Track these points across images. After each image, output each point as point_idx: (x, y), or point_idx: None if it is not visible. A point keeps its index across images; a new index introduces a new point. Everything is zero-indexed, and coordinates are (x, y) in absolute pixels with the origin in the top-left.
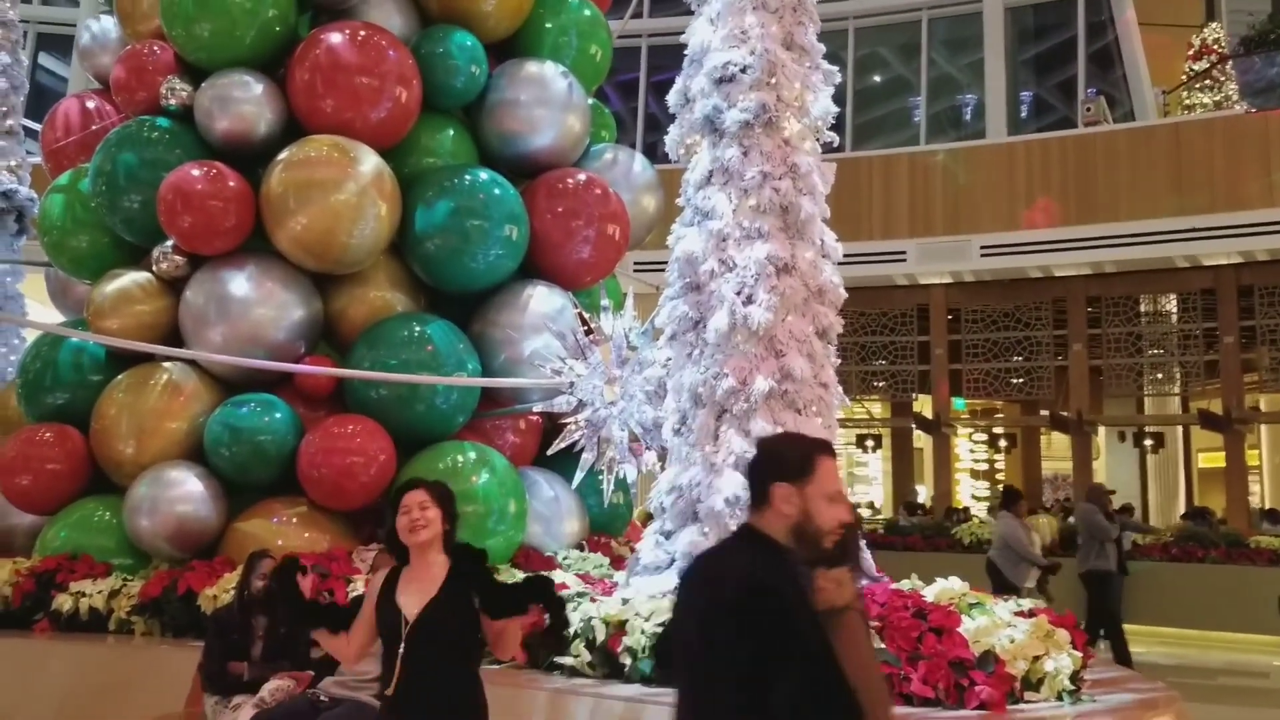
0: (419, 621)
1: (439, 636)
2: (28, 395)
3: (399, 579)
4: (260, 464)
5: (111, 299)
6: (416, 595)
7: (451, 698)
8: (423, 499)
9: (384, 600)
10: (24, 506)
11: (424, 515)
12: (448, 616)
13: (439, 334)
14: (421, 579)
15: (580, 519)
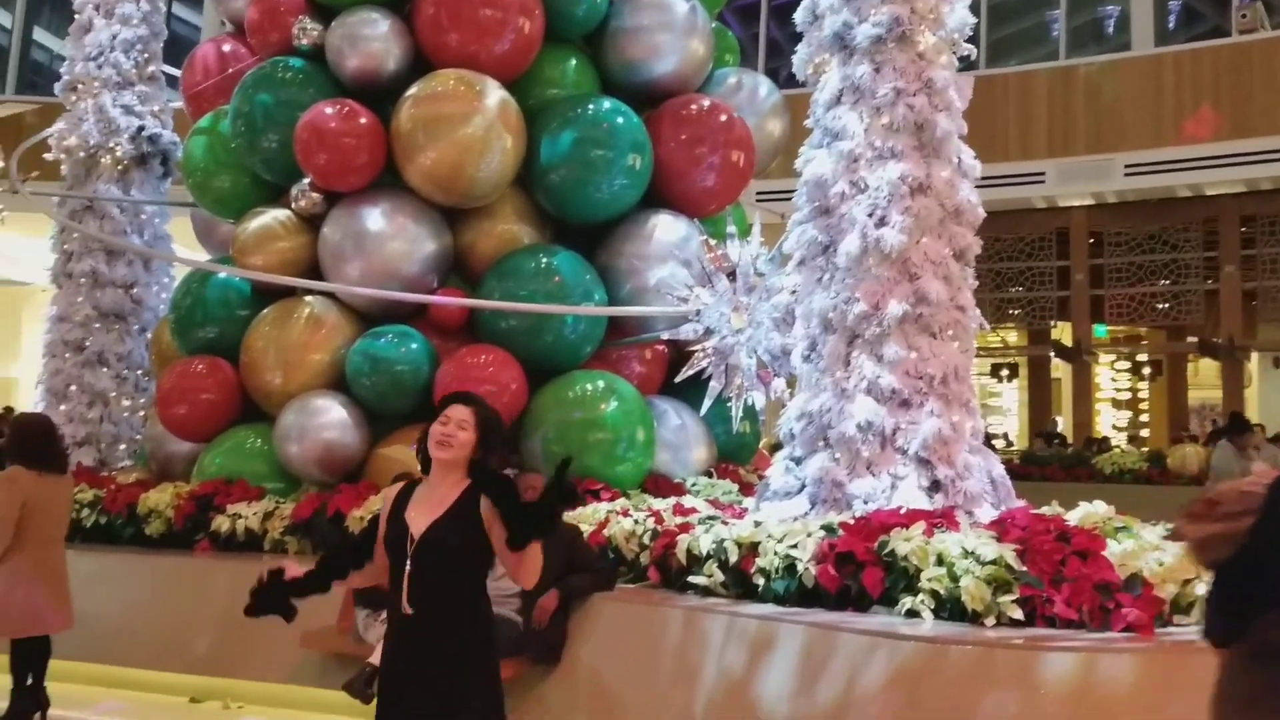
0: (423, 540)
1: (444, 556)
2: (180, 330)
3: (412, 494)
4: (398, 393)
5: (254, 236)
6: (425, 512)
7: (457, 618)
8: (465, 417)
9: (394, 516)
10: (181, 435)
11: (459, 434)
12: (452, 536)
13: (566, 265)
14: (433, 497)
15: (708, 447)
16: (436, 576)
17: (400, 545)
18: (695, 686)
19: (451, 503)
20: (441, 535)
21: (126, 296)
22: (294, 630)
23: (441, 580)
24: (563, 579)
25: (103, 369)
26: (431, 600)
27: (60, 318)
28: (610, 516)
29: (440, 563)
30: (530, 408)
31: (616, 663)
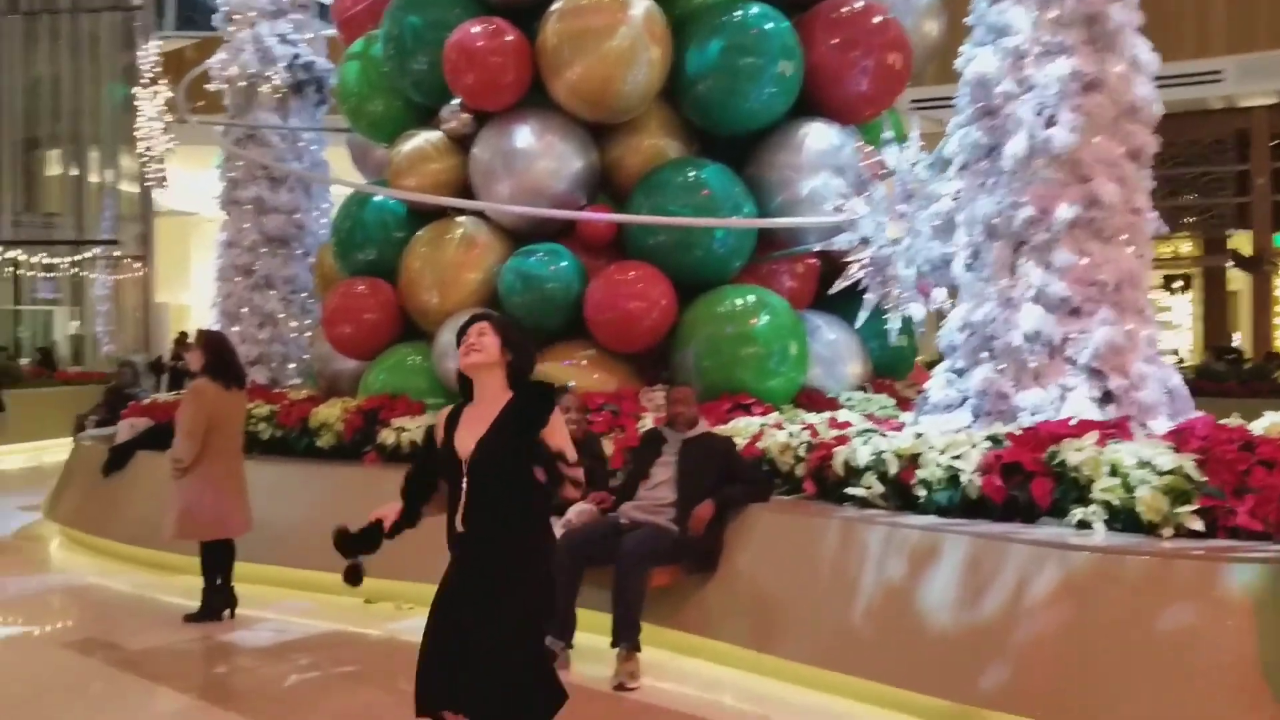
0: (473, 458)
1: (493, 471)
2: (341, 252)
3: (460, 415)
4: (549, 310)
5: (407, 159)
6: (472, 431)
7: (508, 531)
8: (481, 328)
9: (445, 438)
10: (346, 353)
11: (480, 340)
12: (496, 454)
13: (714, 178)
14: (478, 416)
15: (862, 361)
16: (488, 492)
17: (452, 467)
18: (853, 597)
19: (495, 417)
20: (489, 451)
21: (289, 222)
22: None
23: (494, 495)
24: (718, 489)
25: (270, 292)
26: (484, 515)
27: (229, 243)
28: (764, 430)
29: (490, 478)
30: (680, 323)
31: (773, 572)
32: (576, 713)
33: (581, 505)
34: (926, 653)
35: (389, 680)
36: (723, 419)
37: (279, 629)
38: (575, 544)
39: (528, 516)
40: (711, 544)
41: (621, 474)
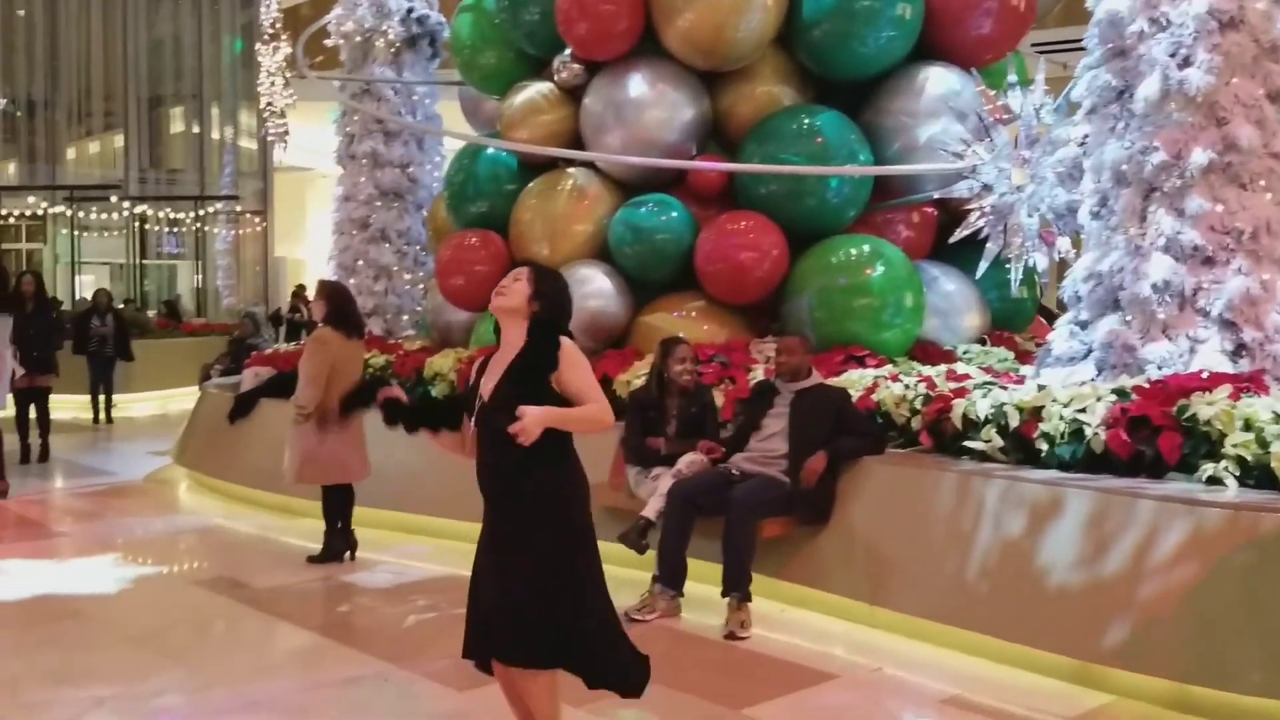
0: (483, 406)
1: (499, 422)
2: (453, 205)
3: (490, 360)
4: (660, 261)
5: (519, 111)
6: (492, 376)
7: (517, 482)
8: (519, 273)
9: (474, 382)
10: (458, 304)
11: (510, 286)
12: (501, 402)
13: (829, 125)
14: (499, 361)
15: (981, 313)
16: (497, 439)
17: (475, 409)
18: (970, 551)
19: (509, 363)
20: (497, 397)
21: (403, 175)
22: None
23: (501, 442)
24: (831, 441)
25: (385, 245)
26: (494, 462)
27: (345, 197)
28: (878, 382)
29: (499, 425)
30: (792, 274)
31: (887, 525)
32: (689, 659)
33: (692, 455)
34: (1046, 609)
35: None
36: (835, 371)
37: (397, 571)
38: (685, 493)
39: (554, 459)
40: (824, 496)
41: (732, 425)
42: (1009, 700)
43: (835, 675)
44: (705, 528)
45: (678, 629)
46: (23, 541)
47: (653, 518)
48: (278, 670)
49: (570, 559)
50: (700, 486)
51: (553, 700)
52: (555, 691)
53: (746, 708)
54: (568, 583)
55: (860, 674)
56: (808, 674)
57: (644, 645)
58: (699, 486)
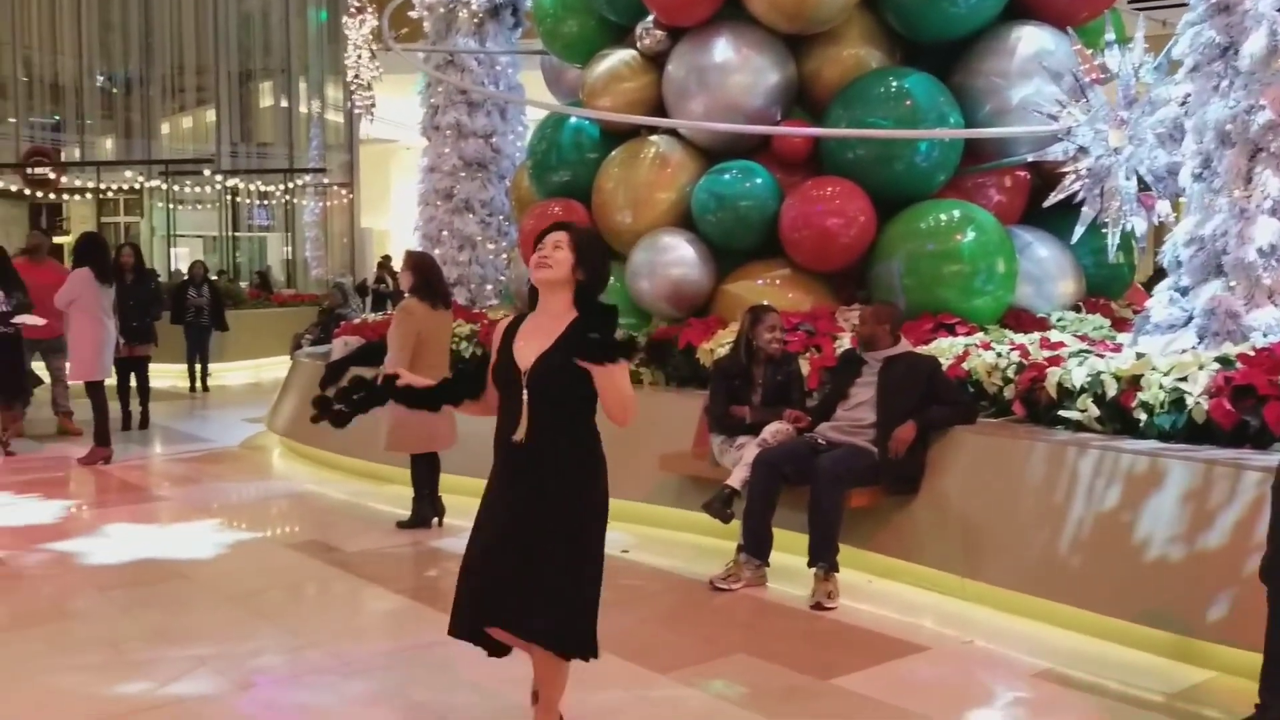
0: (534, 372)
1: (553, 388)
2: (536, 174)
3: (520, 326)
4: (743, 228)
5: (601, 79)
6: (535, 344)
7: (564, 448)
8: (559, 239)
9: (502, 349)
10: None
11: (554, 255)
12: (558, 372)
13: (918, 87)
14: (541, 329)
15: (1075, 279)
16: (547, 407)
17: (510, 378)
18: (1063, 523)
19: (559, 334)
20: (551, 367)
21: (487, 146)
22: (653, 453)
23: (552, 411)
24: (920, 410)
25: (469, 215)
26: (546, 431)
27: (430, 168)
28: (969, 350)
29: (550, 394)
30: (880, 240)
31: (977, 496)
32: (774, 629)
33: (778, 425)
34: (1144, 582)
35: None
36: (924, 339)
37: None
38: (771, 462)
39: (589, 433)
40: (913, 466)
41: (818, 394)
42: (1105, 675)
43: (925, 647)
44: (791, 498)
45: (763, 598)
46: (125, 505)
47: (737, 487)
48: (368, 632)
49: (599, 534)
50: (786, 455)
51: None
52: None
53: (834, 678)
54: (595, 558)
55: (950, 646)
56: (896, 645)
57: (728, 614)
58: (785, 455)
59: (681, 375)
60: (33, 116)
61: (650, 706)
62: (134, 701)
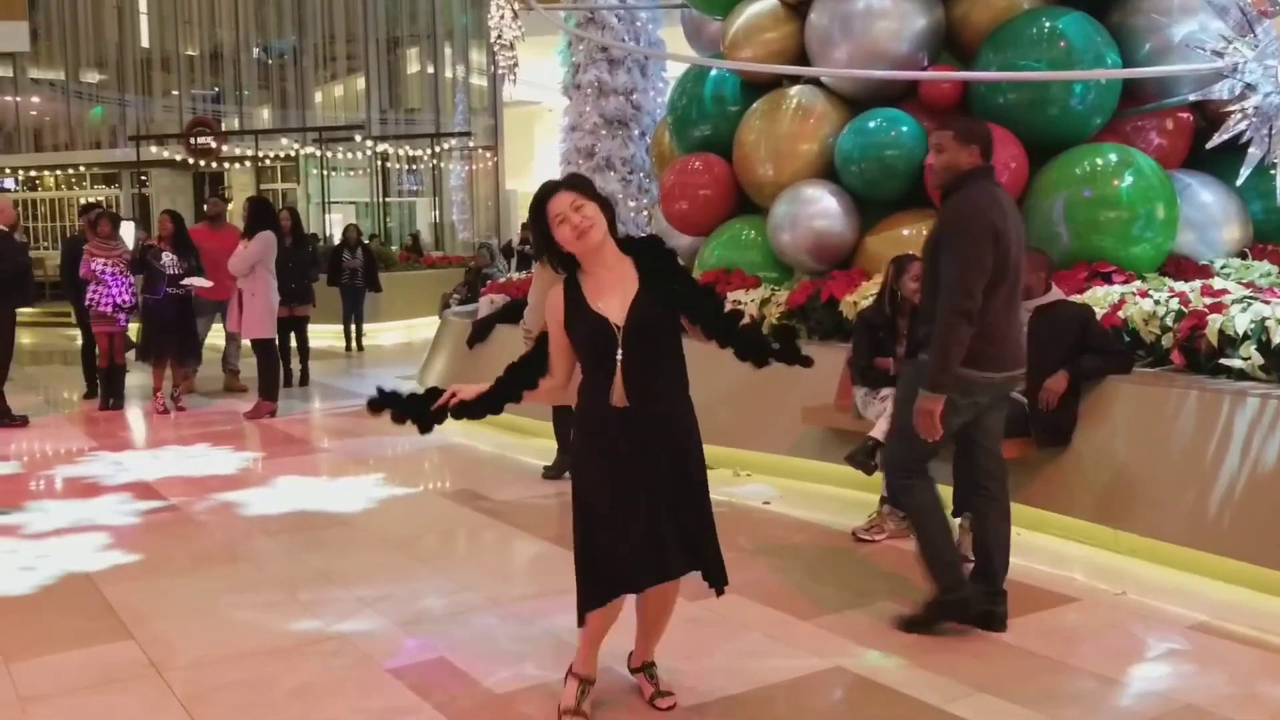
0: (631, 326)
1: (653, 336)
2: (677, 129)
3: (582, 290)
4: (889, 178)
5: (743, 30)
6: (618, 299)
7: (674, 398)
8: (573, 199)
9: (578, 314)
10: (683, 229)
11: (584, 215)
12: (658, 313)
13: (1073, 27)
14: (613, 282)
15: (1241, 225)
16: (649, 360)
17: (601, 340)
18: (1222, 474)
19: (639, 283)
20: (648, 315)
21: (627, 103)
22: (796, 406)
23: (654, 363)
24: (1072, 360)
25: (610, 173)
26: (652, 381)
27: (572, 127)
28: (1126, 298)
29: (651, 343)
30: (1033, 187)
31: (1134, 447)
32: (918, 579)
33: None
34: None
35: (731, 538)
36: (1079, 288)
37: None
38: None
39: (685, 382)
40: (1065, 417)
41: None
42: (1264, 628)
43: (1075, 599)
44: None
45: (906, 550)
46: (288, 457)
47: (881, 439)
48: (518, 576)
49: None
50: None
51: None
52: None
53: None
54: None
55: (1102, 598)
56: (1046, 596)
57: (871, 564)
58: None
59: (824, 328)
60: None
61: (793, 650)
62: (304, 636)
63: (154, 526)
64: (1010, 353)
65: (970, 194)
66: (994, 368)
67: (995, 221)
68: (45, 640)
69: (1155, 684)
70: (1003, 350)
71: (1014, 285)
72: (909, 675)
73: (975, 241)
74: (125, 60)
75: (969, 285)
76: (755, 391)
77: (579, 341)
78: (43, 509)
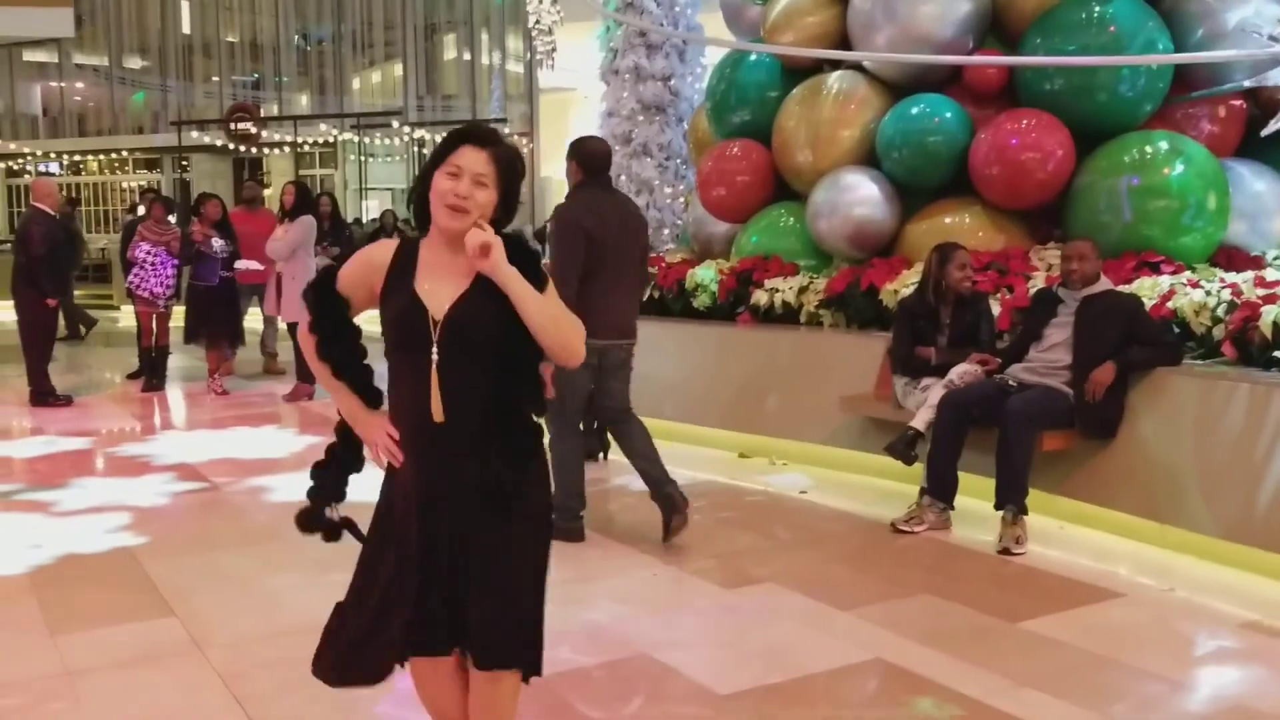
0: (449, 323)
1: (477, 343)
2: (715, 115)
3: (416, 260)
4: (931, 165)
5: (784, 14)
6: (447, 286)
7: (498, 421)
8: (483, 170)
9: (396, 288)
10: (720, 215)
11: (476, 194)
12: (484, 316)
13: (1123, 12)
14: (448, 266)
15: None
16: (469, 370)
17: (416, 329)
18: (1268, 471)
19: (476, 275)
20: (471, 315)
21: (665, 89)
22: (833, 395)
23: (477, 374)
24: (1120, 351)
25: (647, 159)
26: (466, 400)
27: (609, 113)
28: (1175, 288)
29: (473, 351)
30: (1079, 175)
31: (1183, 440)
32: (959, 571)
33: (965, 366)
34: None
35: (766, 528)
36: (1126, 278)
37: None
38: (958, 403)
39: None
40: (1111, 409)
41: (1009, 335)
42: None
43: (1120, 594)
44: (977, 441)
45: (947, 542)
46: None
47: (921, 429)
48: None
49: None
50: (974, 396)
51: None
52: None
53: (1022, 621)
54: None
55: (1149, 594)
56: (1090, 591)
57: (911, 557)
58: (973, 396)
59: (864, 317)
60: (235, 75)
61: (830, 640)
62: None
63: (195, 505)
64: (609, 323)
65: (567, 202)
66: (594, 336)
67: (585, 224)
68: (90, 615)
69: (1205, 682)
70: (600, 322)
71: (614, 273)
72: (950, 668)
73: (567, 239)
74: (167, 46)
75: (564, 273)
76: (792, 380)
77: (394, 323)
78: (85, 486)
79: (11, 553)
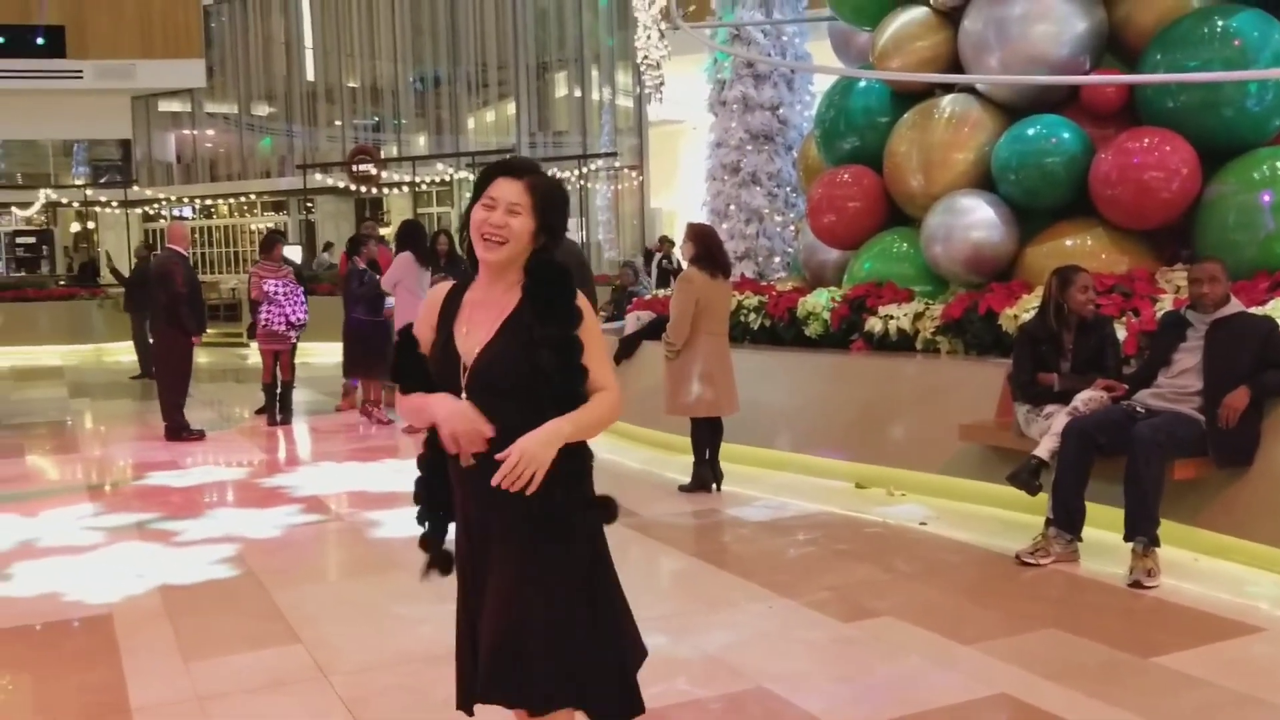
0: (476, 368)
1: (502, 389)
2: (825, 142)
3: (461, 303)
4: (1050, 187)
5: (893, 40)
6: (479, 328)
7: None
8: (516, 200)
9: (441, 329)
10: (831, 243)
11: (509, 222)
12: (508, 361)
13: (1249, 25)
14: (486, 306)
15: None
16: (502, 408)
17: (450, 371)
18: None
19: (507, 315)
20: (496, 360)
21: (773, 117)
22: (952, 423)
23: (510, 412)
24: (1254, 375)
25: (756, 188)
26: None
27: (717, 143)
28: None
29: (501, 394)
30: (1204, 193)
31: None
32: (1088, 604)
33: (1090, 393)
34: None
35: (885, 559)
36: (1259, 300)
37: (773, 506)
38: (1084, 430)
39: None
40: (1246, 436)
41: (1136, 361)
42: None
43: (1261, 628)
44: (1105, 469)
45: (1075, 574)
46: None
47: (1045, 457)
48: (667, 592)
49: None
50: (1100, 423)
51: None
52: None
53: (1156, 656)
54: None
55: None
56: (1227, 625)
57: (1038, 590)
58: (1099, 423)
59: (982, 343)
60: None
61: (952, 674)
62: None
63: (320, 535)
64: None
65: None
66: None
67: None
68: (221, 641)
69: None
70: None
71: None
72: (1080, 705)
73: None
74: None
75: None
76: (909, 408)
77: (436, 367)
78: (216, 517)
79: (148, 580)
